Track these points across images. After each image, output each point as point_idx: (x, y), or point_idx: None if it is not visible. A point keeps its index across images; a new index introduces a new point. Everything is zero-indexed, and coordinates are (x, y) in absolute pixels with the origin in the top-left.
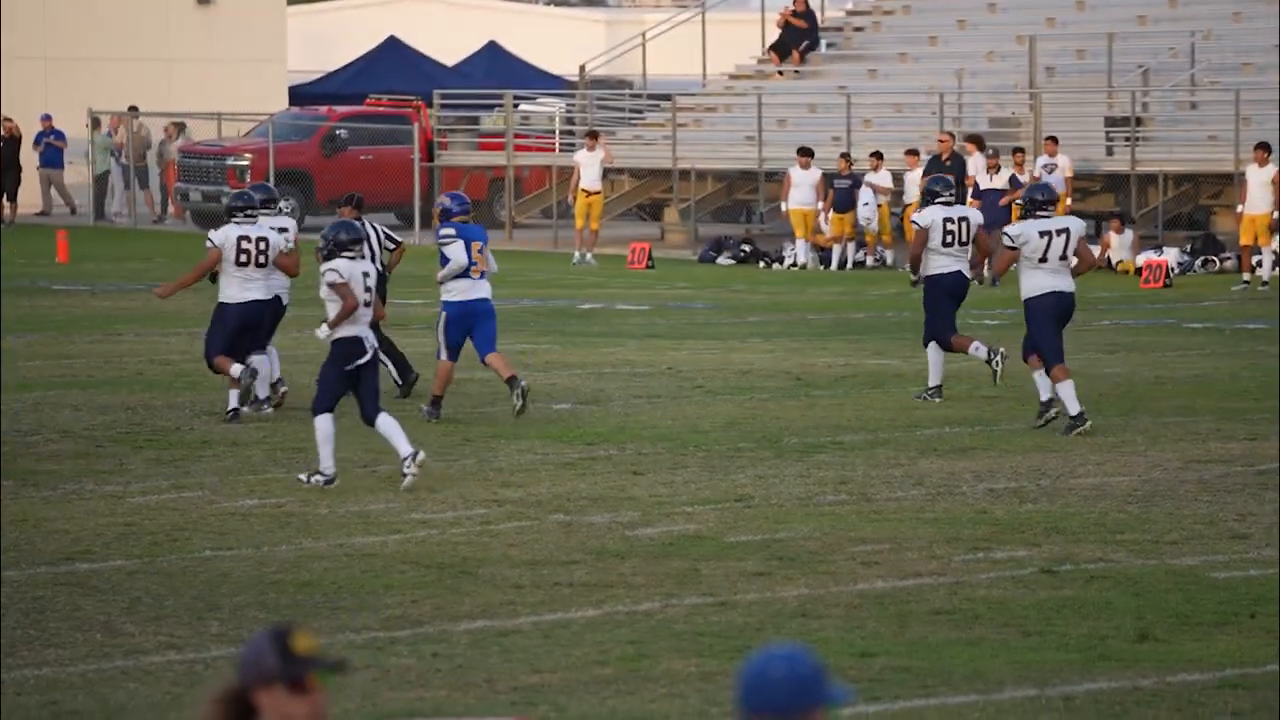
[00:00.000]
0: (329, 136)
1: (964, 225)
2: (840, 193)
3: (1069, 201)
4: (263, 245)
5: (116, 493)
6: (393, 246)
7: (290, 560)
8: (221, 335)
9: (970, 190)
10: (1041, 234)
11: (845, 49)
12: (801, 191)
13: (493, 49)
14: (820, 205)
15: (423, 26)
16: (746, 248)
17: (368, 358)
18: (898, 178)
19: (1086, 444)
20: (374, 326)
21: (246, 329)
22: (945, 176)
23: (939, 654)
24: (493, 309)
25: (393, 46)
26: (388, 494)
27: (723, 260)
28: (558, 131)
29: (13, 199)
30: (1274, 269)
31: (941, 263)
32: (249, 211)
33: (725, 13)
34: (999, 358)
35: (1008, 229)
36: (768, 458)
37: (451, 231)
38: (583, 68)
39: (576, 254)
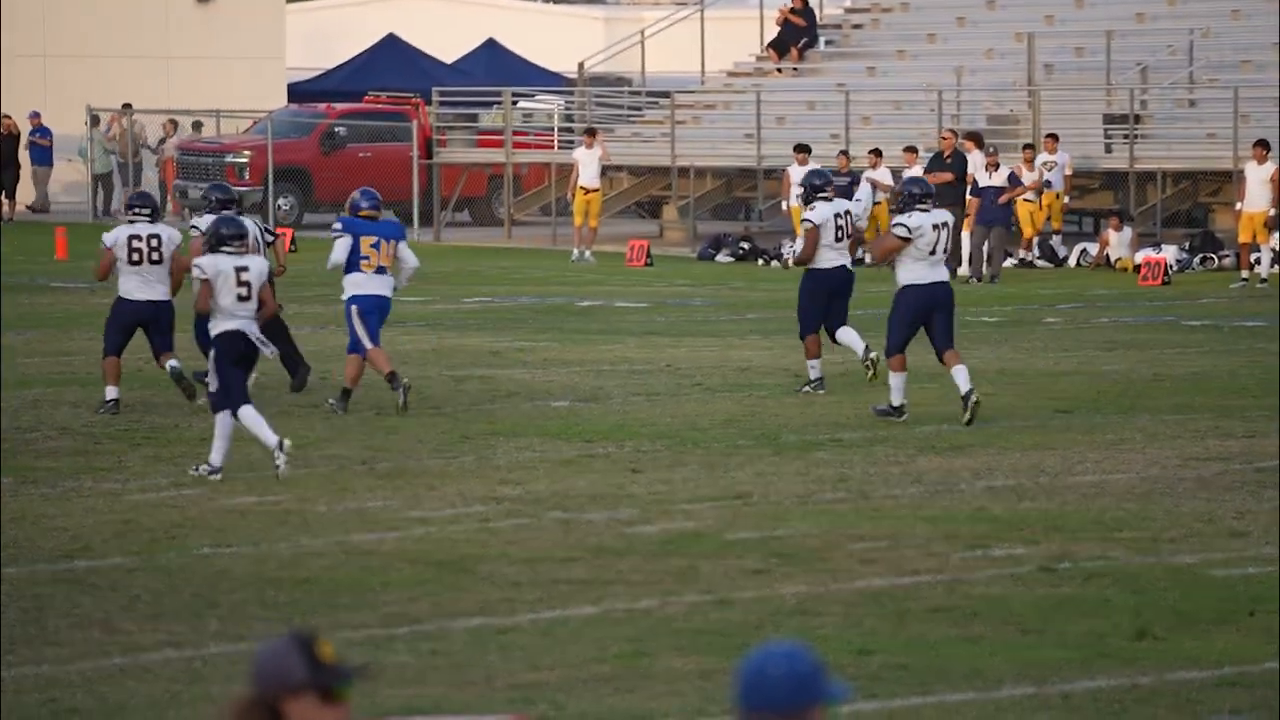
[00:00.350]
0: (328, 134)
1: (848, 219)
2: (839, 190)
3: (1067, 199)
4: (154, 243)
5: (115, 490)
6: (271, 240)
7: (289, 557)
8: (113, 332)
9: (970, 187)
10: (934, 227)
11: (844, 46)
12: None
13: (491, 46)
14: None
15: (421, 24)
16: (745, 245)
17: (251, 350)
18: (896, 175)
19: (1085, 441)
20: (273, 320)
21: (141, 325)
22: (823, 170)
23: (937, 652)
24: (387, 307)
25: (391, 44)
26: (386, 491)
27: (721, 258)
28: (556, 129)
29: (11, 196)
30: (1272, 266)
31: (826, 256)
32: (140, 210)
33: (724, 10)
34: (811, 390)
35: (904, 220)
36: (766, 455)
37: (339, 227)
38: (581, 65)
39: (575, 251)
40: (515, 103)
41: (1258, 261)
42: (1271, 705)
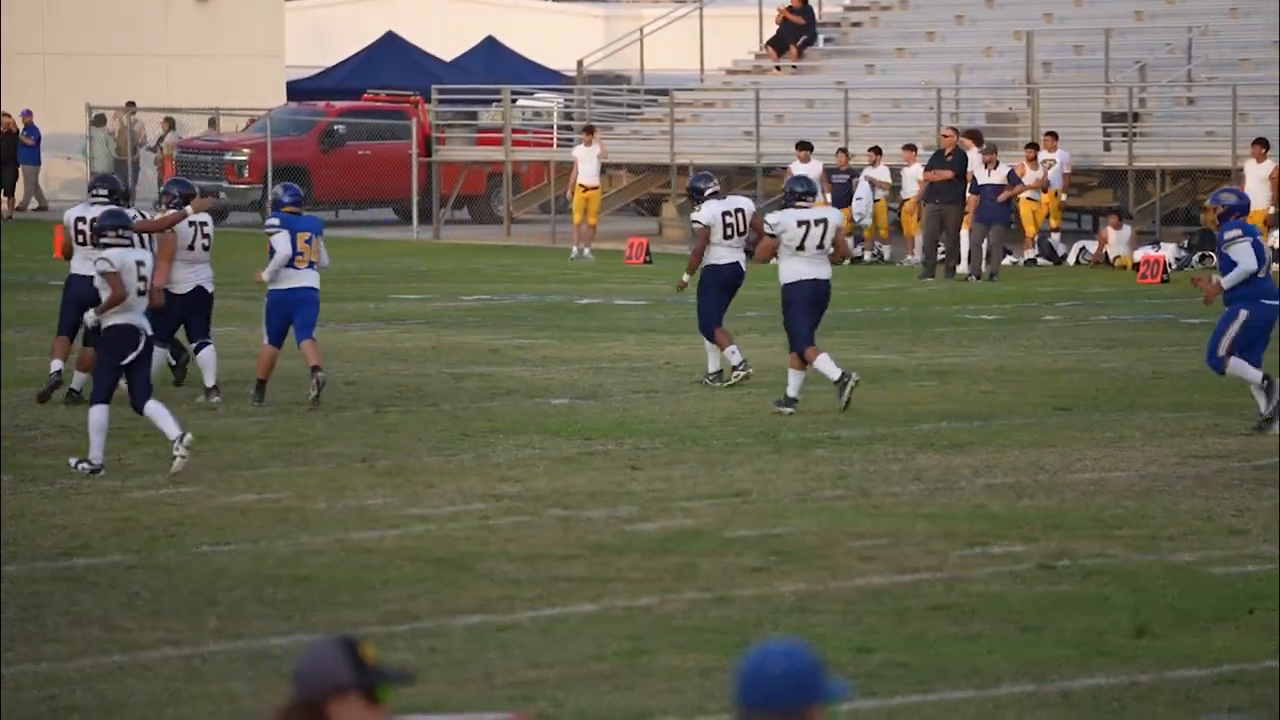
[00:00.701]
0: (327, 132)
1: (740, 216)
2: (838, 187)
3: (1064, 197)
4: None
5: (114, 488)
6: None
7: (288, 555)
8: (64, 308)
9: (969, 185)
10: (800, 223)
11: (843, 44)
12: None
13: (491, 44)
14: (828, 198)
15: (421, 21)
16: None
17: (140, 348)
18: (895, 173)
19: (1084, 439)
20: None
21: (87, 302)
22: (707, 173)
23: (937, 649)
24: (315, 297)
25: (391, 42)
26: (385, 489)
27: None
28: (555, 126)
29: (10, 194)
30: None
31: (719, 254)
32: (98, 192)
33: (723, 8)
34: (742, 373)
35: (768, 218)
36: (765, 453)
37: (276, 222)
38: (580, 63)
39: (574, 249)
40: (514, 101)
41: None
42: (1271, 703)
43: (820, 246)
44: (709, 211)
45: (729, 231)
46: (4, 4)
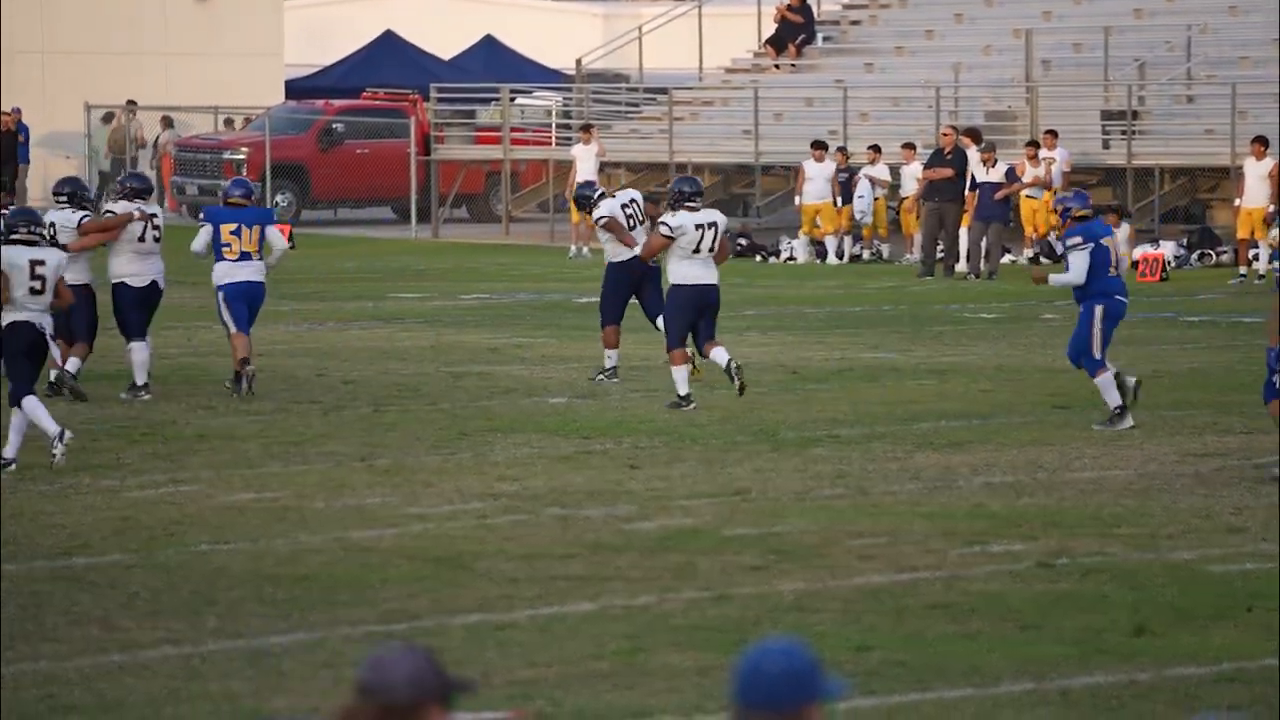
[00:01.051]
0: (325, 130)
1: (635, 206)
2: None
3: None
4: (52, 230)
5: (113, 487)
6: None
7: (287, 554)
8: None
9: (968, 183)
10: (697, 226)
11: (842, 43)
12: (815, 185)
13: (490, 43)
14: (837, 200)
15: (419, 20)
16: (743, 241)
17: (39, 341)
18: (894, 171)
19: (1083, 437)
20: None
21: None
22: (588, 180)
23: (935, 648)
24: (259, 293)
25: (389, 40)
26: (384, 488)
27: None
28: (554, 125)
29: (10, 192)
30: (1270, 262)
31: (623, 250)
32: (58, 196)
33: (721, 6)
34: (603, 379)
35: (667, 219)
36: (764, 451)
37: (203, 217)
38: (579, 61)
39: (573, 248)
40: (513, 99)
41: (1256, 257)
42: (1270, 701)
43: (711, 250)
44: (607, 205)
45: (631, 222)
46: (4, 3)
